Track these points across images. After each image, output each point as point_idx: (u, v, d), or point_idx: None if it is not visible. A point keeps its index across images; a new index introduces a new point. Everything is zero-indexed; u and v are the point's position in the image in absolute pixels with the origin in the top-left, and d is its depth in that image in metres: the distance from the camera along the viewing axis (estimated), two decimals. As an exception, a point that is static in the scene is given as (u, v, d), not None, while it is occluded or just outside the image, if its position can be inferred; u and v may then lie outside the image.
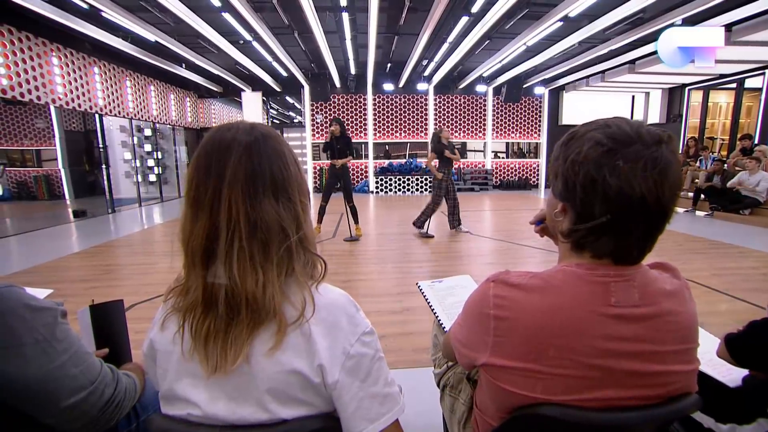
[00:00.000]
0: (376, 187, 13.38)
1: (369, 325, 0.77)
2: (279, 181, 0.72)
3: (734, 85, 10.49)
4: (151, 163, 11.85)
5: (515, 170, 14.62)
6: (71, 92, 7.95)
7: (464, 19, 7.48)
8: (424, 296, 1.42)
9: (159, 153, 11.92)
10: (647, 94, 13.44)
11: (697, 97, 11.86)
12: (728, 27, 7.26)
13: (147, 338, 0.80)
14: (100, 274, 4.34)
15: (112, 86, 9.24)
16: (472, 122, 14.26)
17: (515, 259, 4.89)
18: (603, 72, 11.24)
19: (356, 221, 6.27)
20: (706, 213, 8.08)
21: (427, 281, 1.48)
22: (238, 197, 0.69)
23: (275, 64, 10.93)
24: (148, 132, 11.66)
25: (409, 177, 13.22)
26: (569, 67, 10.99)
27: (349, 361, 0.72)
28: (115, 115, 9.45)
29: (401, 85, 13.12)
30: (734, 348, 1.13)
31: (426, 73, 12.39)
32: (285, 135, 14.69)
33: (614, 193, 0.67)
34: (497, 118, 14.29)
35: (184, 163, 12.79)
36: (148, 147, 11.75)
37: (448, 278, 1.50)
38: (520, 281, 0.75)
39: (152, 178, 11.95)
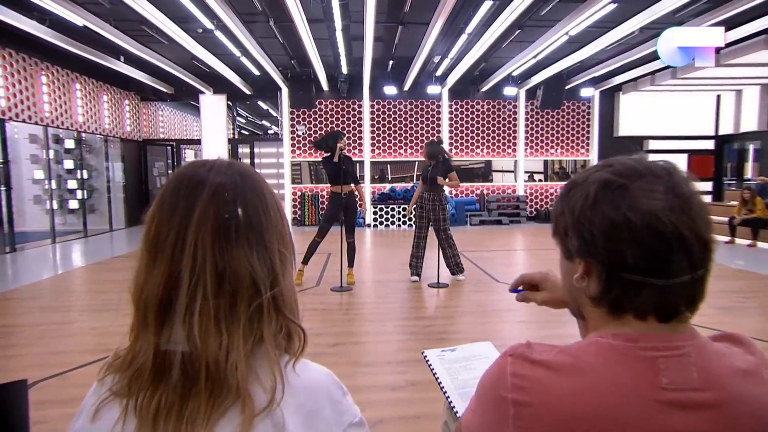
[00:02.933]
0: (374, 219, 13.45)
1: (358, 413, 0.80)
2: (255, 227, 0.78)
3: None
4: (72, 184, 11.86)
5: (556, 197, 14.66)
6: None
7: (487, 4, 7.69)
8: (432, 370, 1.42)
9: (85, 172, 11.95)
10: (739, 92, 13.58)
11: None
12: None
13: None
14: (-9, 338, 4.28)
15: (20, 83, 9.39)
16: (499, 135, 14.49)
17: (558, 316, 4.80)
18: (673, 66, 11.38)
19: (351, 264, 6.42)
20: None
21: (436, 350, 1.47)
22: (206, 240, 0.74)
23: (244, 60, 11.20)
24: (70, 144, 11.72)
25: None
26: (627, 62, 11.20)
27: None
28: (23, 121, 9.54)
29: (407, 88, 13.42)
30: None
31: (438, 73, 12.68)
32: (257, 150, 14.96)
33: (641, 229, 0.73)
34: (532, 129, 14.54)
35: (119, 185, 12.89)
36: (69, 163, 11.79)
37: (464, 345, 1.49)
38: (545, 357, 0.76)
39: (73, 204, 11.91)
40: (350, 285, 6.20)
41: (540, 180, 14.92)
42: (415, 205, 6.79)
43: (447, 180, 6.37)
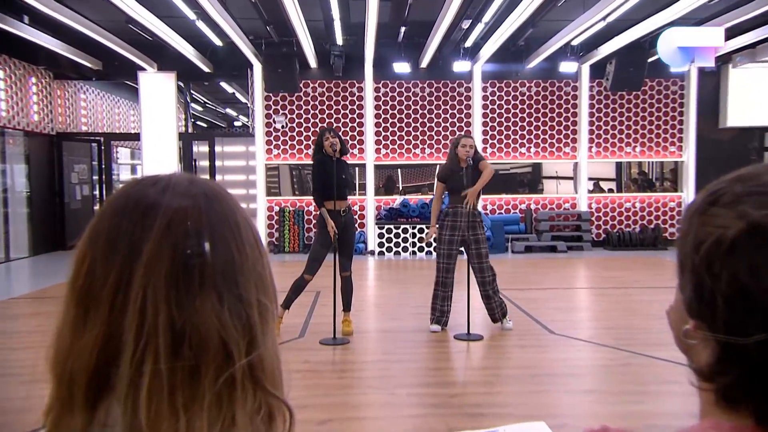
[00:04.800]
0: (379, 245, 13.49)
1: None
2: (226, 268, 0.77)
3: None
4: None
5: (635, 214, 14.73)
6: None
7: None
8: (464, 460, 1.42)
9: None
10: None
11: None
12: None
13: None
14: None
15: None
16: (553, 128, 14.55)
17: (641, 385, 4.81)
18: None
19: (347, 306, 6.40)
20: None
21: None
22: (159, 289, 0.72)
23: (201, 26, 11.31)
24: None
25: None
26: (739, 21, 11.02)
27: None
28: None
29: (424, 64, 13.51)
30: None
31: (468, 44, 12.78)
32: (218, 149, 15.02)
33: None
34: (599, 119, 14.58)
35: (21, 197, 12.89)
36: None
37: (509, 426, 1.52)
38: None
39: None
40: (346, 336, 6.15)
41: (611, 190, 14.93)
42: (438, 225, 6.71)
43: (481, 174, 6.37)
